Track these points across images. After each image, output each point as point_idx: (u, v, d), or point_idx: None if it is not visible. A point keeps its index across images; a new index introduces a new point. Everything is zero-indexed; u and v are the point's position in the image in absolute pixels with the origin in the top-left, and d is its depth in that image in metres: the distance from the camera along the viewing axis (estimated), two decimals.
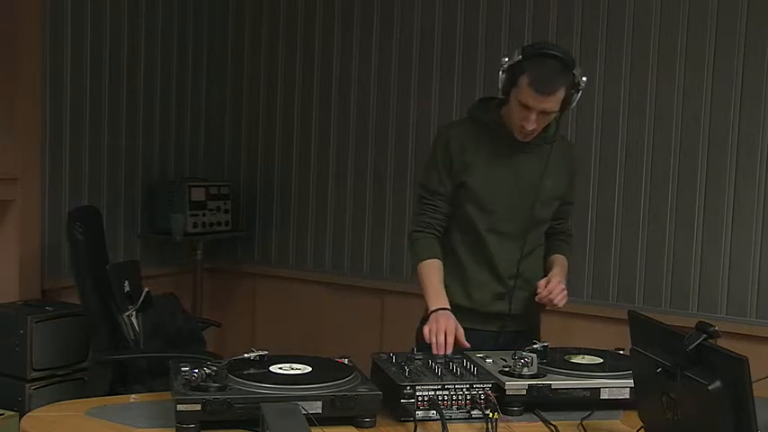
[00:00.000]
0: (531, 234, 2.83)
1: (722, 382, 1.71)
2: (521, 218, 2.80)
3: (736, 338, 3.49)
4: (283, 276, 4.87)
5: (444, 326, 2.58)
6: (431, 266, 2.77)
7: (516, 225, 2.80)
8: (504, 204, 2.78)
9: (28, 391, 3.81)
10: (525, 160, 2.78)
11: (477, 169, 2.77)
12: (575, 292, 4.07)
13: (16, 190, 4.05)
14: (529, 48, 2.66)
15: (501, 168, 2.78)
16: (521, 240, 2.80)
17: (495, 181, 2.77)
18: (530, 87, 2.59)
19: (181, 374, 2.19)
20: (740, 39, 3.70)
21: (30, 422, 2.23)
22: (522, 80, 2.60)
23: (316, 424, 2.03)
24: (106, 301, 3.64)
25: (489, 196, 2.77)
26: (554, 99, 2.61)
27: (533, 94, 2.59)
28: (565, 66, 2.61)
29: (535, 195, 2.78)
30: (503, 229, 2.79)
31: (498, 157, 2.77)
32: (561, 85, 2.61)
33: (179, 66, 4.86)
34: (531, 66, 2.60)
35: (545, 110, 2.62)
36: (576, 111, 4.05)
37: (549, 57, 2.61)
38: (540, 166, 2.78)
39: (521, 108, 2.64)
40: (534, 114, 2.62)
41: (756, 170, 3.71)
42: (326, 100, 4.71)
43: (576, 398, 2.35)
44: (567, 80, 2.62)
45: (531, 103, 2.60)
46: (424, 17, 4.40)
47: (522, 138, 2.72)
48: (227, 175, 5.02)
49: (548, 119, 2.68)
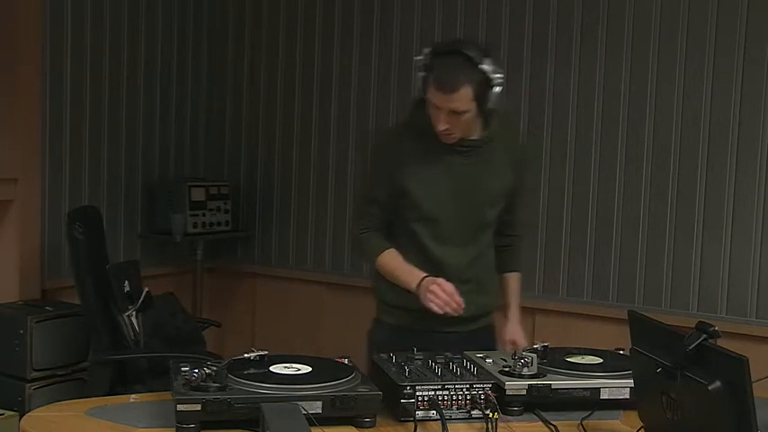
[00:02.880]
0: (479, 237, 2.77)
1: (722, 382, 1.71)
2: (466, 223, 2.73)
3: (736, 338, 3.49)
4: (283, 276, 4.87)
5: (443, 289, 2.54)
6: (390, 255, 2.72)
7: (462, 230, 2.73)
8: (448, 211, 2.70)
9: (28, 391, 3.81)
10: (465, 163, 2.69)
11: (417, 177, 2.68)
12: (575, 292, 4.09)
13: (16, 190, 4.06)
14: (436, 46, 2.61)
15: (440, 174, 2.69)
16: (468, 245, 2.75)
17: (435, 188, 2.69)
18: (433, 86, 2.53)
19: (181, 374, 2.19)
20: (740, 39, 3.70)
21: (30, 422, 2.23)
22: (429, 79, 2.55)
23: (316, 424, 2.03)
24: (106, 301, 3.64)
25: (431, 204, 2.69)
26: (459, 97, 2.51)
27: (437, 93, 2.53)
28: (469, 62, 2.51)
29: (480, 197, 2.72)
30: (447, 236, 2.72)
31: (437, 163, 2.68)
32: (465, 83, 2.51)
33: (179, 66, 4.86)
34: (435, 64, 2.55)
35: (453, 109, 2.53)
36: (575, 111, 4.05)
37: (452, 54, 2.53)
38: (481, 168, 2.70)
39: (432, 108, 2.57)
40: (443, 114, 2.54)
41: (756, 170, 3.71)
42: (326, 100, 4.71)
43: (576, 398, 2.35)
44: (472, 77, 2.51)
45: (437, 103, 2.54)
46: (423, 18, 4.40)
47: (445, 140, 2.63)
48: (227, 175, 5.02)
49: (462, 120, 2.57)
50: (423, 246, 2.73)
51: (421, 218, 2.71)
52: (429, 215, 2.70)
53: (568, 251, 4.10)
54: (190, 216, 4.62)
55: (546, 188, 4.13)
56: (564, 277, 4.12)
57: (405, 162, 2.68)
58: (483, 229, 2.78)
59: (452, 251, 2.73)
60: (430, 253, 2.72)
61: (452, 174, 2.70)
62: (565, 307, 4.10)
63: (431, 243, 2.72)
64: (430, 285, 2.56)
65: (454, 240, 2.73)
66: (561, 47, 4.07)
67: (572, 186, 4.08)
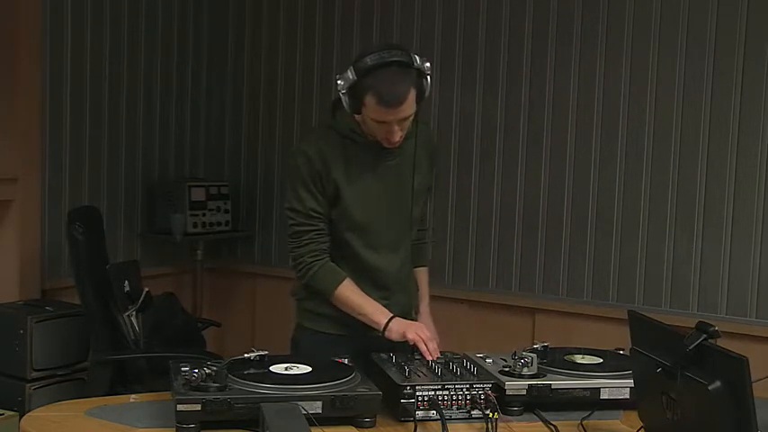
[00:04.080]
0: (407, 238, 2.70)
1: (722, 382, 1.71)
2: (397, 226, 2.66)
3: (736, 338, 3.49)
4: (283, 276, 4.85)
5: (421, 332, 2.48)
6: (347, 288, 2.57)
7: (393, 235, 2.66)
8: (380, 217, 2.62)
9: (28, 391, 3.81)
10: (392, 164, 2.61)
11: (345, 185, 2.57)
12: (575, 293, 4.09)
13: (16, 190, 4.05)
14: (360, 63, 2.41)
15: (369, 180, 2.59)
16: (400, 249, 2.69)
17: (365, 195, 2.59)
18: (380, 105, 2.40)
19: (181, 374, 2.19)
20: (740, 39, 3.69)
21: (30, 422, 2.23)
22: (369, 100, 2.40)
23: (316, 424, 2.03)
24: (106, 301, 3.64)
25: (362, 212, 2.59)
26: (407, 104, 2.43)
27: (386, 111, 2.41)
28: (404, 66, 2.42)
29: (407, 196, 2.64)
30: (380, 243, 2.64)
31: (364, 168, 2.58)
32: (409, 87, 2.42)
33: (179, 66, 4.86)
34: (371, 83, 2.39)
35: (403, 117, 2.45)
36: (575, 111, 4.05)
37: (387, 65, 2.39)
38: (404, 166, 2.63)
39: (379, 125, 2.46)
40: (395, 125, 2.45)
41: (756, 170, 3.71)
42: (327, 100, 4.70)
43: (576, 398, 2.35)
44: (411, 79, 2.43)
45: (388, 119, 2.43)
46: (423, 19, 4.40)
47: (391, 146, 2.54)
48: (227, 175, 5.02)
49: (409, 121, 2.50)
50: (356, 255, 2.63)
51: (354, 226, 2.61)
52: (362, 223, 2.61)
53: (568, 251, 4.10)
54: (190, 216, 4.62)
55: (546, 188, 4.13)
56: (564, 277, 4.12)
57: (332, 169, 2.56)
58: (411, 229, 2.71)
59: (387, 257, 2.66)
60: (364, 261, 2.64)
61: (381, 176, 2.61)
62: (565, 307, 4.09)
63: (365, 252, 2.63)
64: (406, 330, 2.48)
65: (387, 246, 2.66)
66: (561, 47, 4.07)
67: (572, 186, 4.08)
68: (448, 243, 4.35)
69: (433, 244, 2.89)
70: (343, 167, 2.57)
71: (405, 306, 2.74)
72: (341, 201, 2.58)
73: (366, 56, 2.42)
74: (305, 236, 2.59)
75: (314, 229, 2.59)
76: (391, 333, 2.51)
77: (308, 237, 2.59)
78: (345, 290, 2.58)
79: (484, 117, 4.27)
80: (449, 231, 4.35)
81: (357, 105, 2.45)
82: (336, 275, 2.59)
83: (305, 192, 2.57)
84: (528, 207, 4.18)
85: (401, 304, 2.71)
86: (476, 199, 4.30)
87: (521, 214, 4.20)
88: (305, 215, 2.58)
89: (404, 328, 2.51)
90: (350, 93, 2.44)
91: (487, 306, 4.28)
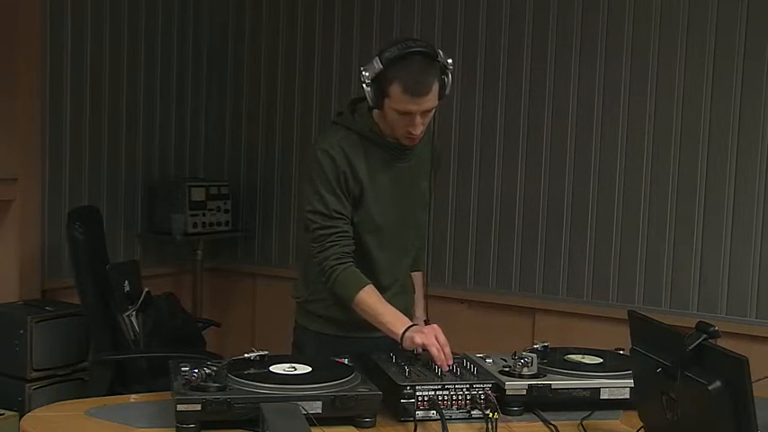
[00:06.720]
0: (416, 240, 2.72)
1: (722, 382, 1.71)
2: (407, 230, 2.68)
3: (736, 338, 3.49)
4: (283, 276, 4.85)
5: (438, 339, 2.40)
6: (369, 294, 2.51)
7: (404, 238, 2.68)
8: (394, 219, 2.62)
9: (28, 391, 3.81)
10: (405, 166, 2.62)
11: (367, 186, 2.56)
12: (575, 293, 4.09)
13: (16, 190, 4.05)
14: (387, 53, 2.44)
15: (386, 181, 2.59)
16: (409, 252, 2.71)
17: (383, 196, 2.59)
18: (405, 94, 2.42)
19: (181, 374, 2.19)
20: (740, 39, 3.69)
21: (30, 422, 2.23)
22: (394, 89, 2.42)
23: (316, 424, 2.03)
24: (106, 301, 3.64)
25: (379, 213, 2.59)
26: (432, 95, 2.45)
27: (411, 99, 2.42)
28: (430, 57, 2.46)
29: (415, 200, 2.66)
30: (392, 246, 2.65)
31: (383, 169, 2.58)
32: (434, 79, 2.45)
33: (179, 66, 4.86)
34: (397, 72, 2.42)
35: (426, 109, 2.47)
36: (575, 111, 4.05)
37: (413, 55, 2.43)
38: (414, 169, 2.64)
39: (401, 116, 2.46)
40: (418, 117, 2.46)
41: (756, 170, 3.71)
42: (327, 100, 4.71)
43: (576, 398, 2.35)
44: (437, 71, 2.46)
45: (412, 109, 2.44)
46: (423, 19, 4.40)
47: (411, 143, 2.54)
48: (227, 175, 5.02)
49: (430, 115, 2.52)
50: (369, 256, 2.62)
51: (373, 228, 2.60)
52: (379, 224, 2.61)
53: (568, 251, 4.10)
54: (190, 216, 4.61)
55: (546, 188, 4.13)
56: (564, 277, 4.12)
57: (355, 169, 2.55)
58: (417, 231, 2.72)
59: (394, 260, 2.67)
60: (373, 261, 2.63)
61: (396, 178, 2.62)
62: (565, 307, 4.09)
63: (378, 253, 2.63)
64: (427, 332, 2.39)
65: (396, 250, 2.67)
66: (561, 47, 4.07)
67: (572, 186, 4.08)
68: (448, 243, 4.35)
69: (432, 244, 2.88)
70: (365, 168, 2.56)
71: (404, 305, 2.73)
72: (363, 202, 2.57)
73: (392, 46, 2.45)
74: (328, 239, 2.53)
75: (337, 231, 2.53)
76: (406, 341, 2.43)
77: (330, 240, 2.53)
78: (367, 296, 2.51)
79: (484, 117, 4.27)
80: (449, 231, 4.35)
81: (381, 97, 2.45)
82: (359, 281, 2.53)
83: (329, 193, 2.53)
84: (528, 207, 4.18)
85: (398, 304, 2.69)
86: (476, 199, 4.30)
87: (521, 214, 4.20)
88: (328, 217, 2.53)
89: (417, 333, 2.43)
90: (375, 83, 2.45)
91: (487, 306, 4.28)
